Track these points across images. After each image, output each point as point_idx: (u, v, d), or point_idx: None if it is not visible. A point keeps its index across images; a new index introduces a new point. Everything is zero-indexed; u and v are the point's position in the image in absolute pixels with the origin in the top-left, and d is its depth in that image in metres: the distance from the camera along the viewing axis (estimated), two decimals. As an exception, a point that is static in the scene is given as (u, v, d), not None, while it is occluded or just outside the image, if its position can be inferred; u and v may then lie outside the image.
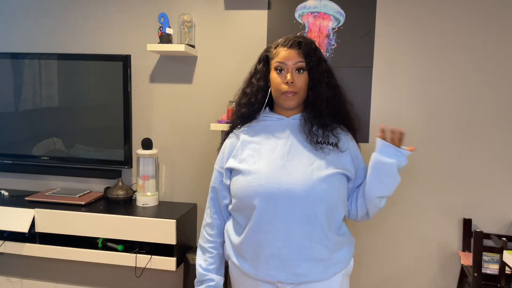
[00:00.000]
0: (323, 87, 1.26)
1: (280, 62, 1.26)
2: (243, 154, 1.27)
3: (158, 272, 2.47)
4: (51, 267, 2.62)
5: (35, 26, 2.51)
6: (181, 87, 2.39)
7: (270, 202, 1.17)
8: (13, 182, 2.64)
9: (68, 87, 2.38)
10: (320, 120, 1.26)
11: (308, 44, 1.26)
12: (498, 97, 2.08)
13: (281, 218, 1.17)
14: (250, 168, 1.22)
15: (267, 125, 1.32)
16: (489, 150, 2.11)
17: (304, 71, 1.25)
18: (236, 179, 1.25)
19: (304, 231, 1.17)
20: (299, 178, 1.17)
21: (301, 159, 1.21)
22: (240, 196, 1.22)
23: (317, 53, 1.27)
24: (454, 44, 2.10)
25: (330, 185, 1.18)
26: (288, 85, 1.23)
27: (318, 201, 1.17)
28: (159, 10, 2.36)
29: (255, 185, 1.19)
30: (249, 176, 1.21)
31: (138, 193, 2.32)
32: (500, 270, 1.80)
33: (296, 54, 1.25)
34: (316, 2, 2.19)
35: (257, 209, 1.19)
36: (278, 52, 1.28)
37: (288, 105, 1.27)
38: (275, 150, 1.24)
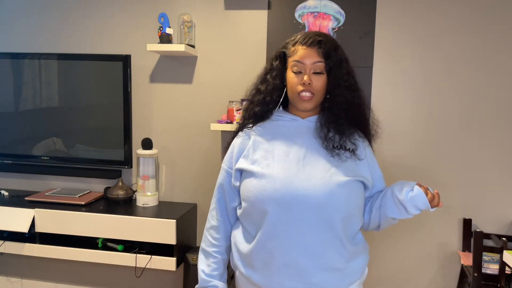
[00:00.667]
0: (342, 90, 1.17)
1: (297, 61, 1.16)
2: (255, 155, 1.19)
3: (158, 272, 2.47)
4: (51, 267, 2.62)
5: (35, 26, 2.51)
6: (181, 87, 2.39)
7: (285, 208, 1.09)
8: (13, 182, 2.64)
9: (68, 87, 2.38)
10: (337, 126, 1.18)
11: (329, 43, 1.17)
12: (498, 97, 2.08)
13: (296, 225, 1.09)
14: (263, 171, 1.14)
15: (281, 126, 1.23)
16: (489, 150, 2.11)
17: (322, 73, 1.17)
18: (248, 182, 1.16)
19: (320, 239, 1.10)
20: (317, 183, 1.10)
21: (317, 164, 1.14)
22: (253, 201, 1.14)
23: (338, 53, 1.18)
24: (454, 43, 2.10)
25: (349, 192, 1.12)
26: (305, 86, 1.15)
27: (336, 208, 1.10)
28: (159, 10, 2.36)
29: (270, 189, 1.11)
30: (263, 179, 1.12)
31: (138, 193, 2.32)
32: (500, 270, 1.80)
33: (316, 53, 1.15)
34: (316, 2, 2.19)
35: (269, 215, 1.11)
36: (296, 50, 1.18)
37: (303, 108, 1.19)
38: (289, 153, 1.16)
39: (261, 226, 1.13)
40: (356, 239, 1.20)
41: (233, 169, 1.24)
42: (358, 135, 1.24)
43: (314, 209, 1.09)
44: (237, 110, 2.16)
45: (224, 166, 1.29)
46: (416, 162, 2.17)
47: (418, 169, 2.17)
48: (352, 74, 1.22)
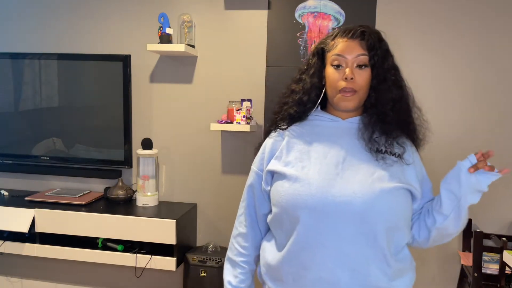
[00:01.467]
0: (389, 86, 1.05)
1: (338, 55, 1.04)
2: (288, 156, 1.07)
3: (158, 272, 2.47)
4: (51, 267, 2.62)
5: (35, 26, 2.51)
6: (181, 87, 2.39)
7: (320, 216, 0.97)
8: (13, 182, 2.64)
9: (68, 87, 2.38)
10: (383, 126, 1.05)
11: (373, 35, 1.04)
12: (498, 97, 2.08)
13: (332, 236, 0.97)
14: (297, 173, 1.02)
15: (319, 126, 1.11)
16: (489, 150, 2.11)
17: (366, 67, 1.03)
18: (280, 185, 1.04)
19: (360, 253, 0.97)
20: (357, 190, 0.97)
21: (358, 168, 1.01)
22: (284, 206, 1.02)
23: (383, 46, 1.05)
24: (454, 43, 2.10)
25: (394, 200, 0.98)
26: (347, 81, 1.02)
27: (379, 218, 0.96)
28: (159, 10, 2.36)
29: (304, 194, 0.99)
30: (297, 182, 1.01)
31: (138, 193, 2.32)
32: (500, 270, 1.80)
33: (358, 45, 1.03)
34: (316, 2, 2.19)
35: (301, 223, 0.99)
36: (336, 43, 1.05)
37: (345, 107, 1.05)
38: (327, 156, 1.04)
39: (292, 234, 1.02)
40: (401, 255, 1.05)
41: (264, 171, 1.12)
42: (406, 138, 1.10)
43: (353, 218, 0.96)
44: (237, 110, 2.16)
45: (254, 167, 1.17)
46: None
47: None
48: (398, 69, 1.10)
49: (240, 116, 2.14)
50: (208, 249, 2.27)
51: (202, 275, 2.14)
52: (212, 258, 2.17)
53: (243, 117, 2.14)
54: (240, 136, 2.33)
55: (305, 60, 1.18)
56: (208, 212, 2.42)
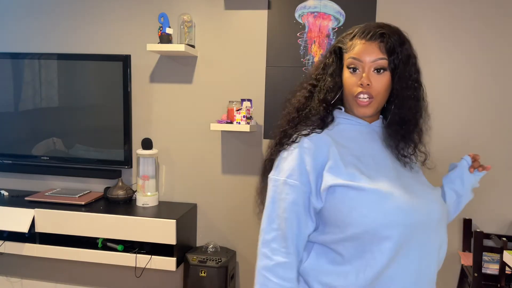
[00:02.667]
0: (412, 92, 0.98)
1: (354, 58, 0.96)
2: (348, 167, 0.93)
3: (158, 272, 2.47)
4: (51, 267, 2.62)
5: (35, 26, 2.51)
6: (181, 87, 2.39)
7: (410, 232, 0.89)
8: (13, 182, 2.64)
9: (68, 87, 2.38)
10: (407, 135, 1.00)
11: (393, 36, 0.96)
12: (498, 97, 2.08)
13: (417, 250, 0.90)
14: (375, 187, 0.90)
15: (348, 130, 1.02)
16: (489, 150, 2.11)
17: (385, 71, 0.96)
18: (358, 202, 0.90)
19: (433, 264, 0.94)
20: (431, 198, 0.94)
21: (409, 177, 0.98)
22: (371, 225, 0.88)
23: (404, 48, 0.97)
24: (454, 44, 2.10)
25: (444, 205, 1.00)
26: (363, 87, 0.95)
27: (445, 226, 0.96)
28: (159, 10, 2.36)
29: (394, 211, 0.88)
30: (384, 198, 0.89)
31: (138, 193, 2.32)
32: (500, 270, 1.80)
33: (377, 48, 0.95)
34: (316, 2, 2.19)
35: (392, 240, 0.87)
36: (354, 44, 0.98)
37: (362, 114, 0.98)
38: (380, 164, 0.97)
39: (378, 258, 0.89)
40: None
41: (312, 184, 0.94)
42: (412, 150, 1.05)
43: (434, 229, 0.92)
44: (237, 110, 2.16)
45: (292, 181, 0.94)
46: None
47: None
48: (420, 73, 1.03)
49: (240, 116, 2.14)
50: (208, 249, 2.27)
51: (202, 275, 2.14)
52: (212, 258, 2.17)
53: (243, 117, 2.14)
54: (240, 136, 2.33)
55: (321, 57, 1.10)
56: (208, 212, 2.42)
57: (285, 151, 0.99)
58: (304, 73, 2.23)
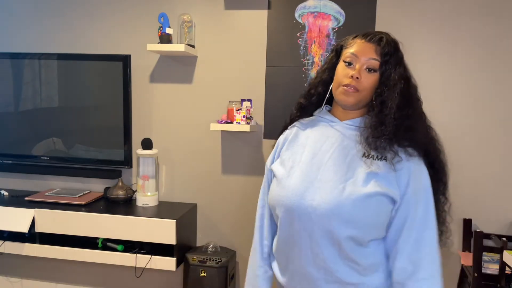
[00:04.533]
0: (394, 95, 1.04)
1: (352, 53, 1.08)
2: (286, 153, 1.17)
3: (158, 272, 2.47)
4: (51, 267, 2.62)
5: (35, 26, 2.51)
6: (181, 87, 2.39)
7: (294, 216, 1.05)
8: (13, 182, 2.64)
9: (68, 87, 2.38)
10: (382, 129, 1.04)
11: (390, 43, 1.07)
12: (498, 97, 2.08)
13: (304, 237, 1.04)
14: (284, 174, 1.11)
15: (319, 126, 1.16)
16: (489, 150, 2.11)
17: (375, 72, 1.06)
18: (272, 184, 1.16)
19: (327, 253, 1.03)
20: (326, 195, 1.02)
21: (337, 171, 1.05)
22: (271, 203, 1.15)
23: (397, 56, 1.08)
24: (454, 44, 2.10)
25: (364, 207, 1.00)
26: (352, 80, 1.05)
27: (344, 223, 1.00)
28: (159, 10, 2.36)
29: (282, 195, 1.08)
30: (280, 184, 1.11)
31: (138, 193, 2.32)
32: (500, 270, 1.80)
33: (373, 49, 1.06)
34: (316, 2, 2.19)
35: (281, 221, 1.10)
36: (354, 42, 1.10)
37: (344, 101, 1.07)
38: (315, 157, 1.09)
39: (280, 229, 1.13)
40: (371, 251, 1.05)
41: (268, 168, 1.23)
42: (412, 150, 1.06)
43: (319, 222, 1.01)
44: (237, 110, 2.16)
45: (267, 163, 1.25)
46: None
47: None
48: (409, 81, 1.10)
49: (240, 116, 2.14)
50: (208, 249, 2.27)
51: (202, 275, 2.14)
52: (212, 258, 2.17)
53: (243, 117, 2.14)
54: (240, 136, 2.33)
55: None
56: (208, 212, 2.42)
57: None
58: (304, 73, 2.23)
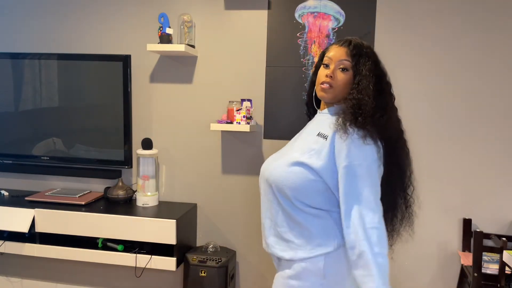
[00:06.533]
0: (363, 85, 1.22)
1: (328, 57, 1.29)
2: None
3: (158, 272, 2.47)
4: (51, 267, 2.62)
5: (35, 26, 2.51)
6: (181, 87, 2.39)
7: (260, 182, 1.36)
8: (13, 182, 2.64)
9: (68, 87, 2.38)
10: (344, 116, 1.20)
11: (358, 45, 1.27)
12: (497, 97, 2.08)
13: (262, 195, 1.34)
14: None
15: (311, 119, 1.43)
16: (489, 150, 2.11)
17: (347, 71, 1.26)
18: None
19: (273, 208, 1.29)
20: (270, 164, 1.30)
21: (292, 148, 1.31)
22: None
23: (366, 56, 1.26)
24: (454, 44, 2.10)
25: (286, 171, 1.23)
26: (327, 78, 1.27)
27: (274, 187, 1.26)
28: (159, 10, 2.36)
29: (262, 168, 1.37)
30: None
31: (138, 193, 2.32)
32: (500, 270, 1.80)
33: (344, 52, 1.27)
34: (316, 2, 2.19)
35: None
36: (331, 48, 1.32)
37: (321, 96, 1.30)
38: (297, 138, 1.38)
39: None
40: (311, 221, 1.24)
41: None
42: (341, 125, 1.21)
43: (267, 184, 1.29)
44: (237, 110, 2.16)
45: None
46: (416, 162, 2.16)
47: (418, 169, 2.16)
48: (380, 77, 1.26)
49: (240, 116, 2.14)
50: (208, 249, 2.27)
51: (202, 275, 2.14)
52: (212, 258, 2.17)
53: (243, 117, 2.14)
54: (240, 136, 2.33)
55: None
56: (208, 212, 2.42)
57: None
58: (304, 73, 2.23)
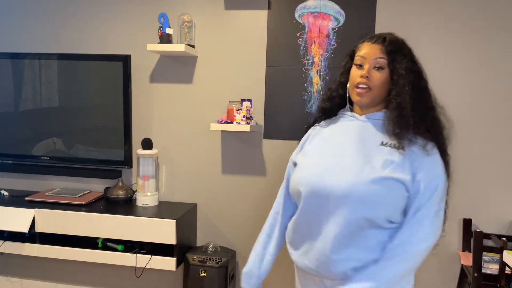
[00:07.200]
0: (406, 87, 1.14)
1: (360, 56, 1.19)
2: (307, 148, 1.27)
3: (158, 272, 2.47)
4: (51, 267, 2.62)
5: (35, 26, 2.51)
6: (181, 87, 2.39)
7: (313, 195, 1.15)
8: (13, 182, 2.64)
9: (68, 87, 2.38)
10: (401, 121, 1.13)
11: (393, 41, 1.18)
12: (497, 97, 2.08)
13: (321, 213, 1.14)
14: (305, 163, 1.21)
15: (341, 122, 1.26)
16: (489, 150, 2.11)
17: (383, 69, 1.17)
18: (293, 172, 1.26)
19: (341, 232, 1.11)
20: (344, 177, 1.11)
21: (356, 158, 1.13)
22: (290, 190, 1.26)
23: (402, 52, 1.18)
24: (454, 43, 2.10)
25: (378, 188, 1.08)
26: (363, 78, 1.16)
27: (361, 203, 1.08)
28: (159, 10, 2.36)
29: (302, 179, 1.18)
30: (301, 171, 1.20)
31: (138, 193, 2.32)
32: (500, 270, 1.80)
33: (379, 49, 1.17)
34: (316, 2, 2.19)
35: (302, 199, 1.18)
36: (362, 46, 1.21)
37: (358, 101, 1.19)
38: (336, 147, 1.19)
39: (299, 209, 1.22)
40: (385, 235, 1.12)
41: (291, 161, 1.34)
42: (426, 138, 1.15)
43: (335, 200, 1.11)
44: (237, 110, 2.16)
45: (292, 157, 1.35)
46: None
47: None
48: (419, 73, 1.20)
49: (240, 116, 2.14)
50: (208, 249, 2.27)
51: (202, 275, 2.14)
52: (212, 258, 2.17)
53: (243, 117, 2.14)
54: (240, 136, 2.34)
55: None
56: (208, 212, 2.42)
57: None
58: (304, 73, 2.23)
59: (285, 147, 2.29)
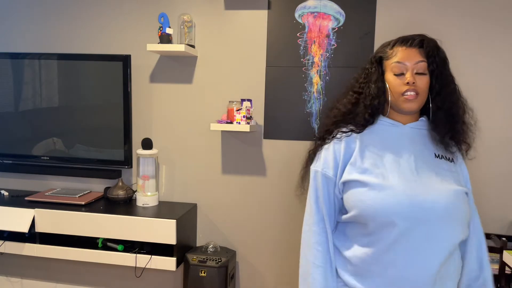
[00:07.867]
0: (450, 91, 1.12)
1: (398, 62, 1.11)
2: (364, 163, 1.11)
3: (158, 272, 2.47)
4: (51, 267, 2.62)
5: (35, 26, 2.51)
6: (181, 87, 2.39)
7: (412, 221, 1.02)
8: (13, 182, 2.64)
9: (68, 87, 2.38)
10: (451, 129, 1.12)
11: (431, 43, 1.13)
12: (494, 93, 2.08)
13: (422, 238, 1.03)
14: (379, 181, 1.06)
15: (382, 131, 1.16)
16: (488, 150, 2.11)
17: (425, 74, 1.12)
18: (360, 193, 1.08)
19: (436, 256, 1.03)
20: (437, 194, 1.04)
21: (430, 174, 1.08)
22: (371, 213, 1.05)
23: (440, 53, 1.13)
24: (454, 43, 2.10)
25: (462, 201, 1.07)
26: (410, 85, 1.10)
27: (457, 220, 1.04)
28: (159, 10, 2.36)
29: (392, 202, 1.03)
30: (382, 191, 1.05)
31: (138, 193, 2.32)
32: (500, 270, 1.80)
33: (417, 53, 1.11)
34: (316, 2, 2.19)
35: (396, 228, 1.03)
36: (396, 51, 1.13)
37: (409, 108, 1.11)
38: (400, 162, 1.10)
39: (382, 237, 1.06)
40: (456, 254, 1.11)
41: (338, 177, 1.14)
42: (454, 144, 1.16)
43: (438, 221, 1.03)
44: (237, 110, 2.16)
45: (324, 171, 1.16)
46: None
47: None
48: (453, 76, 1.17)
49: (240, 116, 2.14)
50: (208, 249, 2.27)
51: (202, 275, 2.14)
52: (212, 258, 2.17)
53: (243, 117, 2.14)
54: (240, 136, 2.34)
55: (361, 69, 1.24)
56: (208, 212, 2.42)
57: (326, 144, 1.19)
58: (304, 73, 2.23)
59: (285, 147, 2.29)
